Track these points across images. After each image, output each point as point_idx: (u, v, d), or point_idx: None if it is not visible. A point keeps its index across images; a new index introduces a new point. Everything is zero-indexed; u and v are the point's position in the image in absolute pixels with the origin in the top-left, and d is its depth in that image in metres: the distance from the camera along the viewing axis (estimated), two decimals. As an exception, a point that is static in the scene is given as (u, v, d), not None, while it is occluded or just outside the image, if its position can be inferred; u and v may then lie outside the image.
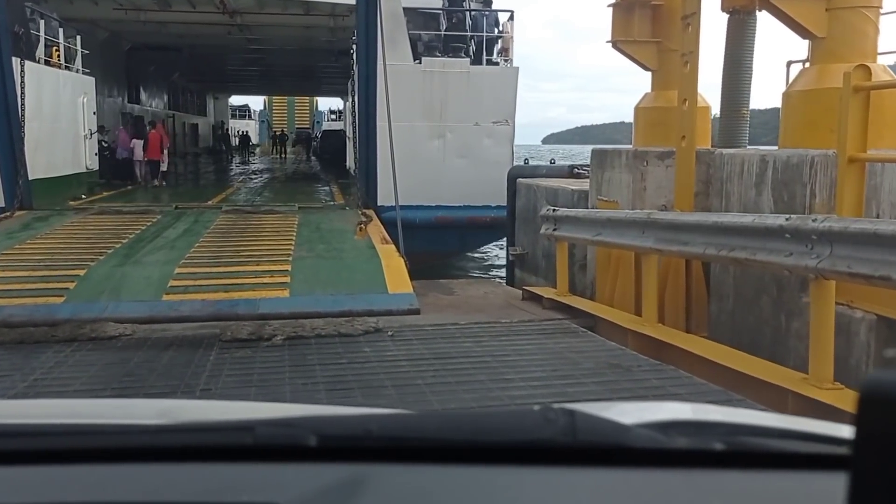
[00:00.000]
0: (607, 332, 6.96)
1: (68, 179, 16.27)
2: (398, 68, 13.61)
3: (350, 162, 20.28)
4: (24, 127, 13.50)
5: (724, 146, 7.48)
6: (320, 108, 64.96)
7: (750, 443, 0.99)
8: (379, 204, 13.78)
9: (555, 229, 8.27)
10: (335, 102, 52.10)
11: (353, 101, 14.09)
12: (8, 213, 12.84)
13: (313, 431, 0.97)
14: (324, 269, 9.11)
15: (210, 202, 16.17)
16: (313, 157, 43.30)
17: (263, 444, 0.98)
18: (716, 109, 8.83)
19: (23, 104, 13.49)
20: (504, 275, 14.08)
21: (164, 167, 20.80)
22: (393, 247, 10.30)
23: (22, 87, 13.45)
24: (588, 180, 10.77)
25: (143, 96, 30.84)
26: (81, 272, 8.75)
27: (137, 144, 20.26)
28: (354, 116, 14.03)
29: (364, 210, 13.30)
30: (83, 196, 16.23)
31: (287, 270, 8.97)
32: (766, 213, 5.91)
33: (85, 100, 17.39)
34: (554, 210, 8.32)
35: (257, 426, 1.00)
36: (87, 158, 17.45)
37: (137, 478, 0.96)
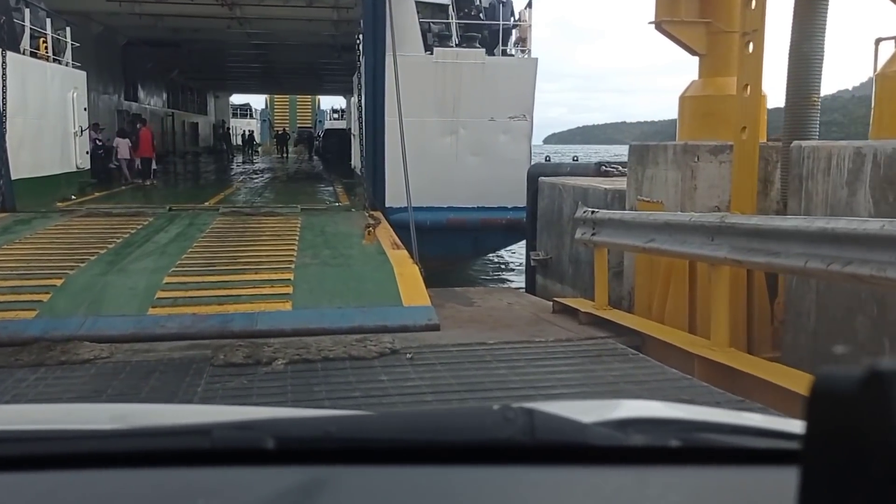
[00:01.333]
0: (660, 355, 5.99)
1: (56, 179, 15.27)
2: (408, 60, 12.63)
3: (356, 161, 19.33)
4: (5, 122, 12.54)
5: (790, 139, 6.49)
6: (322, 108, 64.17)
7: (705, 439, 0.99)
8: (387, 205, 12.85)
9: (593, 234, 7.29)
10: (337, 101, 51.46)
11: (358, 95, 13.12)
12: (-12, 216, 11.90)
13: (271, 434, 0.95)
14: (330, 278, 8.19)
15: (207, 203, 15.19)
16: (315, 157, 42.80)
17: (221, 447, 0.95)
18: (772, 100, 7.85)
19: (4, 98, 12.52)
20: (523, 281, 13.10)
21: (154, 165, 20.32)
22: (405, 252, 9.38)
23: (3, 80, 12.49)
24: (619, 179, 9.83)
25: (141, 94, 29.90)
26: (59, 282, 7.84)
27: (122, 143, 19.47)
28: (361, 112, 13.07)
29: (371, 212, 12.33)
30: (72, 196, 15.22)
31: (289, 280, 8.06)
32: (864, 216, 4.92)
33: (75, 95, 16.36)
34: (593, 212, 7.33)
35: (214, 429, 0.97)
36: (77, 157, 16.41)
37: (90, 484, 0.93)
